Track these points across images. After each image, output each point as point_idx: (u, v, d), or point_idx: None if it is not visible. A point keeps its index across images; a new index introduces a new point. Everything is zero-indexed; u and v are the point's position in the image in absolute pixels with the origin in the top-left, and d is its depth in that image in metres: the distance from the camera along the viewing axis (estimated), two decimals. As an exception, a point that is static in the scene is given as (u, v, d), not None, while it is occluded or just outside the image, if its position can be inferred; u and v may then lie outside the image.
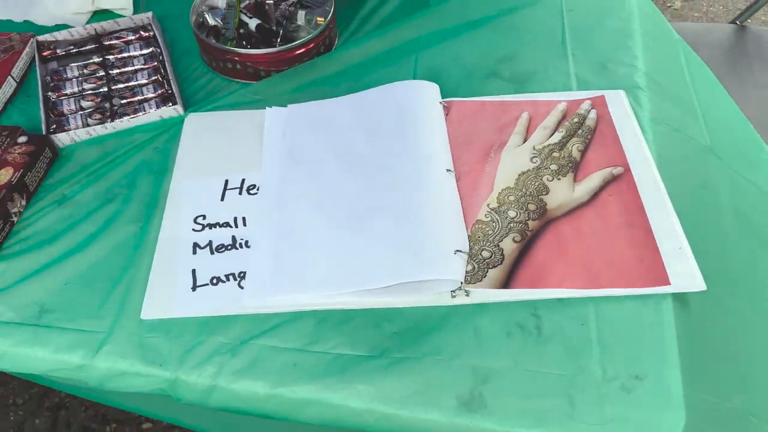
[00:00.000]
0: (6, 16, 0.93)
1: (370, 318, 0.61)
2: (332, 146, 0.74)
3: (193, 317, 0.61)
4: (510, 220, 0.67)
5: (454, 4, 0.93)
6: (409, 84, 0.79)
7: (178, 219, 0.69)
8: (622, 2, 0.92)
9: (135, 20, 0.91)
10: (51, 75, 0.83)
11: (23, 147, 0.73)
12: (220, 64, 0.85)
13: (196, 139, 0.77)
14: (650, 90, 0.80)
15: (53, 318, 0.62)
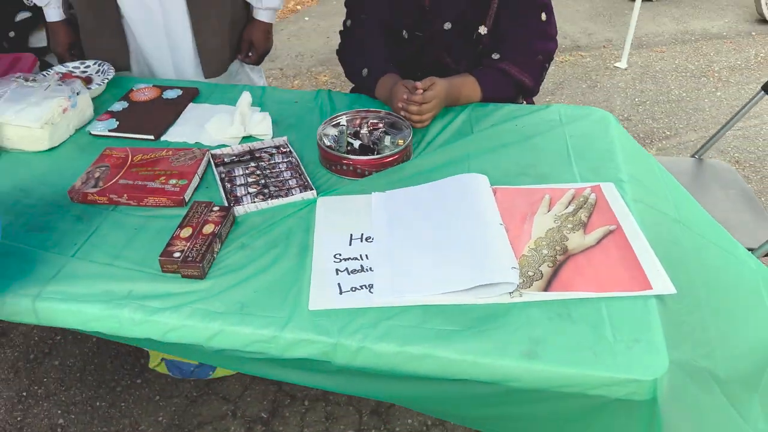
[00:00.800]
0: (183, 138, 1.36)
1: (457, 309, 0.94)
2: (419, 209, 1.12)
3: (343, 308, 0.94)
4: (544, 255, 1.02)
5: (490, 132, 1.36)
6: (469, 175, 1.19)
7: (322, 256, 1.04)
8: (605, 132, 1.35)
9: (274, 141, 1.33)
10: (225, 173, 1.23)
11: (217, 213, 1.10)
12: (336, 167, 1.25)
13: (326, 211, 1.15)
14: (630, 182, 1.19)
15: (250, 310, 0.95)
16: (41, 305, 0.97)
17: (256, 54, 1.77)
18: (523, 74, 1.48)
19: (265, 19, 1.75)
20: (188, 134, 1.37)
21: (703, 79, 3.37)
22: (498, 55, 1.48)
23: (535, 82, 1.51)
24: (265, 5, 1.72)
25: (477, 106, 1.46)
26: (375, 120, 1.36)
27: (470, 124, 1.40)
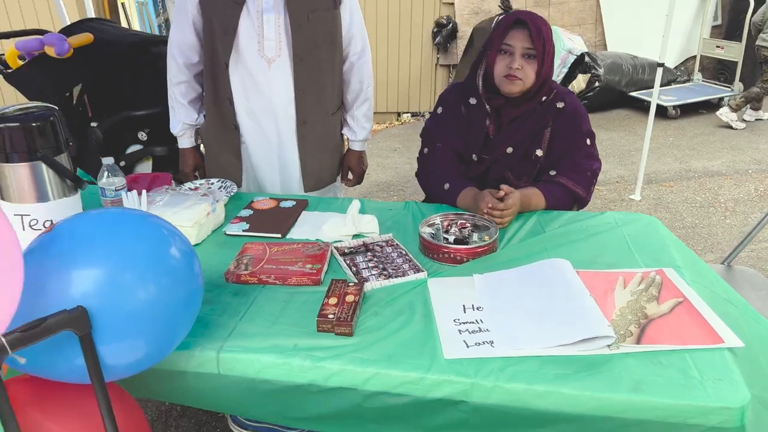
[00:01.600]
0: (305, 236, 1.63)
1: (566, 359, 1.15)
2: (517, 285, 1.36)
3: (473, 357, 1.15)
4: (629, 319, 1.25)
5: (560, 231, 1.63)
6: (554, 259, 1.44)
7: (444, 320, 1.27)
8: (656, 232, 1.63)
9: (381, 237, 1.60)
10: (349, 260, 1.48)
11: (353, 287, 1.34)
12: (437, 255, 1.51)
13: (437, 288, 1.38)
14: (684, 268, 1.44)
15: (396, 359, 1.16)
16: (224, 356, 1.18)
17: (354, 176, 2.11)
18: (577, 187, 1.78)
19: (358, 149, 2.11)
20: (308, 233, 1.64)
21: (711, 209, 3.72)
22: (554, 172, 1.80)
23: (587, 193, 1.81)
24: (358, 138, 2.08)
25: (543, 213, 1.75)
26: (463, 221, 1.64)
27: (541, 225, 1.68)
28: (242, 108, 1.90)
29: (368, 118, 2.10)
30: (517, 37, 1.71)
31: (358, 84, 2.03)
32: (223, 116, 1.93)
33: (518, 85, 1.73)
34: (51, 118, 1.28)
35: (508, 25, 1.73)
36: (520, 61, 1.71)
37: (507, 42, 1.72)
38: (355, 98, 2.06)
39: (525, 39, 1.71)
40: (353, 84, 2.03)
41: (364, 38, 2.00)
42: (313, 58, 1.87)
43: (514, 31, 1.72)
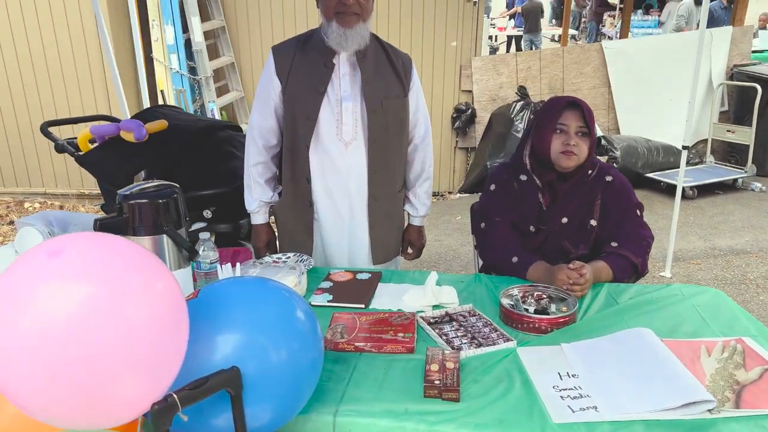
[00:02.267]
0: (387, 307, 1.69)
1: (671, 423, 1.19)
2: (607, 353, 1.41)
3: (581, 422, 1.20)
4: (722, 385, 1.30)
5: (632, 302, 1.70)
6: (637, 329, 1.50)
7: (544, 387, 1.32)
8: (724, 303, 1.70)
9: (462, 307, 1.67)
10: (438, 329, 1.55)
11: (451, 355, 1.39)
12: (519, 325, 1.57)
13: (529, 356, 1.44)
14: (760, 337, 1.50)
15: (507, 423, 1.20)
16: (340, 420, 1.22)
17: (414, 250, 2.21)
18: (637, 258, 1.88)
19: (418, 224, 2.22)
20: (389, 303, 1.71)
21: (742, 286, 3.78)
22: (615, 243, 1.90)
23: (645, 264, 1.91)
24: (419, 214, 2.19)
25: (611, 285, 1.83)
26: (539, 292, 1.72)
27: (612, 297, 1.75)
28: (319, 186, 2.02)
29: (428, 195, 2.22)
30: (570, 117, 1.88)
31: (421, 164, 2.17)
32: (299, 194, 2.05)
33: (574, 159, 1.88)
34: (174, 195, 1.39)
35: (562, 107, 1.90)
36: (576, 138, 1.86)
37: (562, 122, 1.89)
38: (417, 177, 2.18)
39: (578, 119, 1.88)
40: (416, 164, 2.17)
41: (427, 122, 2.15)
42: (384, 141, 2.01)
43: (567, 112, 1.89)
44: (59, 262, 0.82)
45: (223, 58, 5.77)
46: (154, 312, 0.87)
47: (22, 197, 5.23)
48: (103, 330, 0.83)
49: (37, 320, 0.81)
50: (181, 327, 0.94)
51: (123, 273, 0.86)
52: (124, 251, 0.88)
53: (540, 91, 6.21)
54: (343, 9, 1.87)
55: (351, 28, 1.88)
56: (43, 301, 0.82)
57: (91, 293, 0.83)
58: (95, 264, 0.84)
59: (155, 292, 0.88)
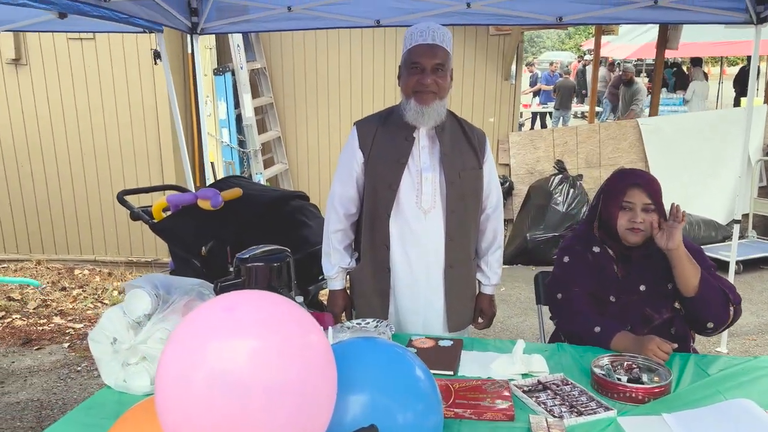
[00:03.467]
0: (475, 374, 1.70)
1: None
2: (714, 424, 1.40)
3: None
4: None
5: (724, 374, 1.69)
6: (742, 400, 1.49)
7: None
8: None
9: (553, 376, 1.67)
10: (534, 397, 1.55)
11: (557, 423, 1.39)
12: (614, 394, 1.56)
13: (633, 426, 1.43)
14: None
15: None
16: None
17: (485, 319, 2.23)
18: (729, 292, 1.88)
19: (489, 292, 2.24)
20: (477, 371, 1.72)
21: (803, 363, 3.68)
22: None
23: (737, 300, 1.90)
24: (491, 282, 2.23)
25: (698, 358, 1.82)
26: (629, 362, 1.71)
27: (702, 369, 1.74)
28: (397, 253, 2.08)
29: (500, 264, 2.26)
30: (636, 195, 1.94)
31: (492, 233, 2.22)
32: (378, 260, 2.10)
33: (641, 235, 1.92)
34: (287, 259, 1.45)
35: (627, 185, 1.95)
36: (642, 215, 1.91)
37: (627, 200, 1.94)
38: (489, 246, 2.23)
39: (643, 196, 1.93)
40: (488, 232, 2.22)
41: (499, 193, 2.22)
42: (461, 210, 2.08)
43: (632, 190, 1.94)
44: (233, 317, 0.88)
45: (271, 132, 6.01)
46: (313, 364, 0.91)
47: (72, 264, 5.36)
48: (269, 381, 0.87)
49: (211, 373, 0.85)
50: (334, 379, 0.97)
51: (286, 327, 0.90)
52: (285, 307, 0.93)
53: (577, 165, 6.31)
54: (421, 88, 1.98)
55: (428, 105, 1.99)
56: (216, 353, 0.86)
57: (260, 346, 0.87)
58: (264, 318, 0.89)
59: (312, 346, 0.92)
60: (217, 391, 0.84)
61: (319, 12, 3.53)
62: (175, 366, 0.87)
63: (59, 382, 3.42)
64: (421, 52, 1.98)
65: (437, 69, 1.98)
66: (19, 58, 4.96)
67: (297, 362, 0.89)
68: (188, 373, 0.86)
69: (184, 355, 0.87)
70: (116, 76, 5.03)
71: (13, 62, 4.99)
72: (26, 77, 5.04)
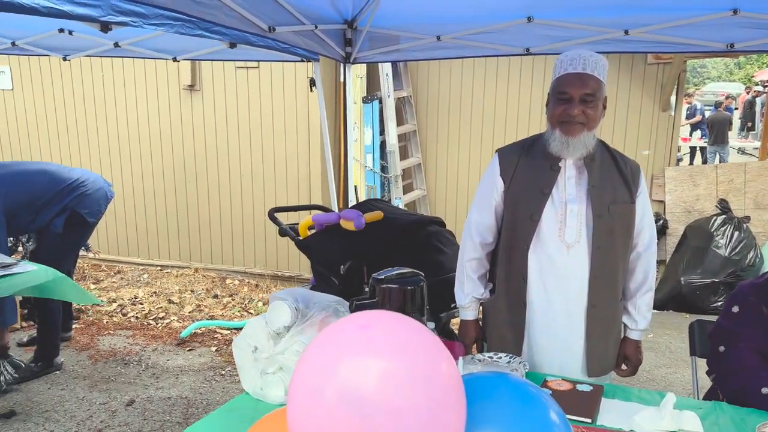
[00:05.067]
0: (617, 425, 1.56)
1: None
2: None
3: None
4: None
5: None
6: None
7: None
8: None
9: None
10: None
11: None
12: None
13: None
14: None
15: None
16: None
17: (630, 366, 2.06)
18: None
19: (636, 338, 2.07)
20: (619, 422, 1.59)
21: None
22: None
23: None
24: (639, 327, 2.05)
25: None
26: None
27: None
28: (535, 286, 1.99)
29: (649, 307, 2.08)
30: None
31: (643, 273, 2.05)
32: (514, 293, 2.03)
33: None
34: (420, 284, 1.44)
35: None
36: None
37: None
38: (638, 287, 2.06)
39: None
40: (638, 273, 2.05)
41: (653, 230, 2.05)
42: (609, 246, 1.95)
43: None
44: (366, 335, 0.88)
45: (412, 158, 6.12)
46: (441, 392, 0.88)
47: (224, 274, 5.80)
48: (396, 403, 0.85)
49: (341, 389, 0.86)
50: (462, 411, 0.94)
51: (418, 351, 0.89)
52: (418, 331, 0.92)
53: (744, 205, 5.71)
54: (567, 119, 1.90)
55: (573, 137, 1.90)
56: (348, 370, 0.87)
57: (391, 368, 0.86)
58: (397, 340, 0.88)
59: (442, 373, 0.90)
60: (345, 407, 0.84)
61: (467, 41, 3.55)
62: (308, 379, 0.88)
63: (205, 383, 3.68)
64: (569, 82, 1.90)
65: (586, 99, 1.89)
66: (193, 84, 5.52)
67: (425, 388, 0.87)
68: (319, 387, 0.87)
69: (317, 368, 0.88)
70: (275, 102, 5.42)
71: (189, 88, 5.56)
72: (199, 102, 5.59)
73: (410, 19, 3.57)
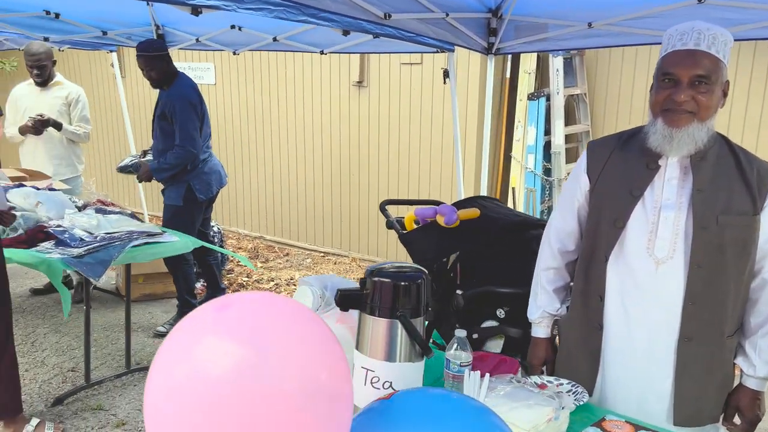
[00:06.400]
0: None
1: None
2: None
3: None
4: None
5: None
6: None
7: None
8: None
9: None
10: None
11: None
12: None
13: None
14: None
15: None
16: None
17: (744, 421, 1.64)
18: None
19: (753, 387, 1.63)
20: None
21: None
22: None
23: None
24: (757, 374, 1.61)
25: None
26: None
27: None
28: (613, 308, 1.67)
29: (776, 351, 1.62)
30: None
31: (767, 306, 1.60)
32: (588, 312, 1.72)
33: None
34: (419, 280, 1.28)
35: None
36: None
37: None
38: (761, 323, 1.62)
39: None
40: (761, 305, 1.61)
41: (788, 254, 1.59)
42: (714, 267, 1.55)
43: None
44: (222, 316, 0.79)
45: (581, 162, 5.63)
46: (304, 382, 0.76)
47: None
48: (249, 386, 0.75)
49: (190, 370, 0.78)
50: (336, 400, 0.80)
51: (275, 332, 0.78)
52: (289, 316, 0.80)
53: None
54: (672, 106, 1.54)
55: (679, 128, 1.53)
56: (197, 351, 0.78)
57: (242, 350, 0.76)
58: (253, 321, 0.78)
59: (301, 356, 0.78)
60: (193, 388, 0.77)
61: (623, 27, 3.14)
62: (162, 359, 0.82)
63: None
64: (676, 61, 1.55)
65: (698, 82, 1.52)
66: (362, 80, 5.71)
67: (281, 371, 0.75)
68: (171, 368, 0.80)
69: (171, 349, 0.81)
70: (435, 97, 5.37)
71: (357, 84, 5.76)
72: (365, 97, 5.76)
73: (558, 5, 3.27)
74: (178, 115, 3.71)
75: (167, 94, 3.78)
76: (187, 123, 3.73)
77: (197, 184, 3.93)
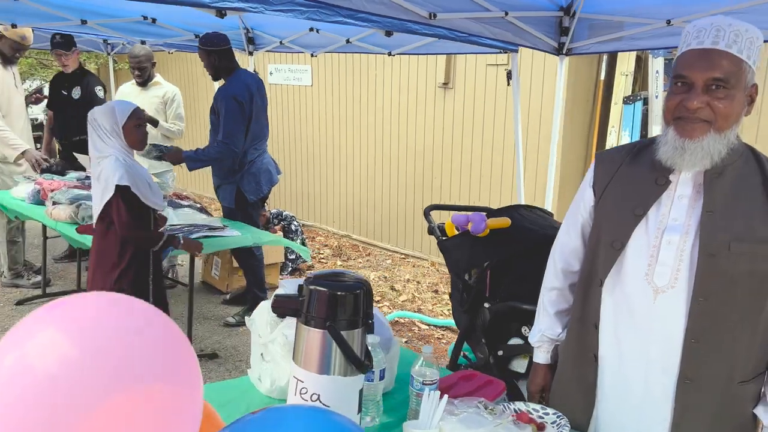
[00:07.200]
0: None
1: None
2: None
3: None
4: None
5: None
6: None
7: None
8: None
9: None
10: None
11: None
12: None
13: None
14: None
15: None
16: None
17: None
18: None
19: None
20: None
21: None
22: None
23: None
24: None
25: None
26: None
27: None
28: (608, 338, 1.50)
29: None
30: None
31: (798, 352, 1.36)
32: (584, 341, 1.55)
33: None
34: (357, 291, 1.22)
35: None
36: None
37: None
38: (789, 371, 1.38)
39: None
40: None
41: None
42: (723, 301, 1.34)
43: None
44: (51, 313, 0.80)
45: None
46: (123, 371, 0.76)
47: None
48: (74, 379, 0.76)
49: (18, 363, 0.80)
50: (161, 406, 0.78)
51: (102, 330, 0.78)
52: (115, 314, 0.80)
53: None
54: (684, 113, 1.35)
55: (692, 139, 1.34)
56: (28, 346, 0.80)
57: (65, 345, 0.77)
58: (78, 319, 0.79)
59: (125, 357, 0.77)
60: (20, 381, 0.79)
61: (706, 25, 2.82)
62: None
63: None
64: (690, 62, 1.35)
65: (714, 86, 1.32)
66: (447, 82, 5.61)
67: (102, 368, 0.76)
68: (4, 359, 0.83)
69: (8, 342, 0.84)
70: (522, 100, 5.16)
71: (443, 86, 5.67)
72: (450, 99, 5.66)
73: (635, 1, 3.02)
74: (222, 111, 3.72)
75: (220, 89, 3.85)
76: (230, 120, 3.71)
77: (246, 185, 3.92)
